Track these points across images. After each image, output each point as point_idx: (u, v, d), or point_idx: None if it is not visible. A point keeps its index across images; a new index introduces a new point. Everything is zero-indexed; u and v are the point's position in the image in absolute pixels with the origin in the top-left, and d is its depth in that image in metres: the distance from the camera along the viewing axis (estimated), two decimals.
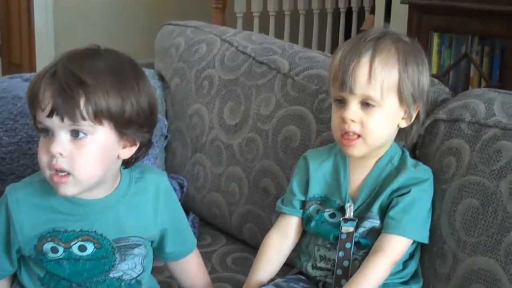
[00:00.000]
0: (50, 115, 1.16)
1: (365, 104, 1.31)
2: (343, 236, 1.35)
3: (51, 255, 1.27)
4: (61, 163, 1.18)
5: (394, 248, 1.31)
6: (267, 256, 1.43)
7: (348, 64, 1.31)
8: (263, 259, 1.43)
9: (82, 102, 1.16)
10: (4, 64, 5.19)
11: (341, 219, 1.36)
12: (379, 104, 1.31)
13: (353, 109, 1.31)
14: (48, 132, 1.19)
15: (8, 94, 1.61)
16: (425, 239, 1.35)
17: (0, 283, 1.33)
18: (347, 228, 1.35)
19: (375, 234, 1.35)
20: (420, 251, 1.38)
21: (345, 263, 1.35)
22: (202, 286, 1.44)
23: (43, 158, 1.20)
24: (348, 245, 1.35)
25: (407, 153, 1.40)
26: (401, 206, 1.32)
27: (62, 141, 1.18)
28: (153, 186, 1.34)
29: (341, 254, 1.35)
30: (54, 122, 1.17)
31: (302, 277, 1.42)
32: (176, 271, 1.44)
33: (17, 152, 1.54)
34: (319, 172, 1.42)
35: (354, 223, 1.35)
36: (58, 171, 1.18)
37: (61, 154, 1.17)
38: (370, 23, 4.41)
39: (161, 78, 1.99)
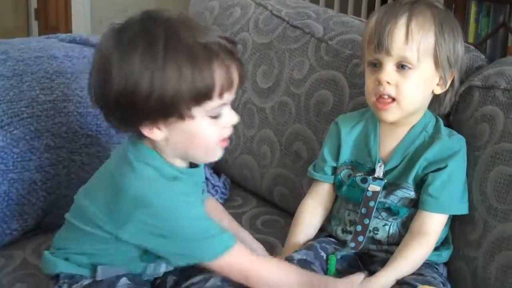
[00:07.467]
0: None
1: (401, 66, 1.30)
2: (369, 194, 1.36)
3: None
4: None
5: (438, 228, 1.33)
6: (305, 220, 1.45)
7: (385, 25, 1.30)
8: (301, 224, 1.45)
9: None
10: (40, 28, 5.23)
11: (370, 177, 1.37)
12: (415, 67, 1.30)
13: (389, 71, 1.31)
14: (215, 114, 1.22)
15: (44, 53, 1.63)
16: (465, 211, 1.35)
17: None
18: (374, 186, 1.36)
19: (406, 202, 1.35)
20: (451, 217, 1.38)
21: (366, 220, 1.36)
22: (227, 221, 1.46)
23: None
24: (371, 203, 1.35)
25: (441, 121, 1.39)
26: (439, 183, 1.32)
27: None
28: None
29: (363, 211, 1.36)
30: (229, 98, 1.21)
31: (333, 240, 1.43)
32: None
33: (52, 110, 1.56)
34: (350, 137, 1.42)
35: (382, 182, 1.35)
36: None
37: None
38: None
39: None
